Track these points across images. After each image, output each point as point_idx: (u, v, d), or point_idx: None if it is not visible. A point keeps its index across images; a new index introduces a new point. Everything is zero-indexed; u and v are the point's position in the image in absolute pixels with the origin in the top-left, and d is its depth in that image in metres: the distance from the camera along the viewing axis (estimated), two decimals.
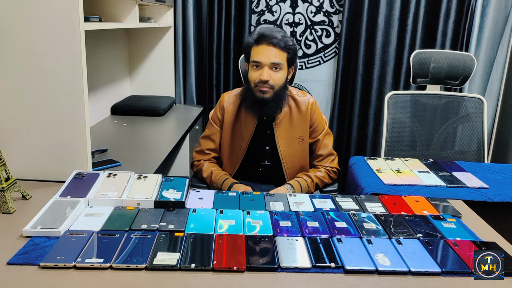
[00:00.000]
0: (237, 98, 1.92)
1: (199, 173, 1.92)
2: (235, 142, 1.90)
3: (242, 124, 1.89)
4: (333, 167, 1.94)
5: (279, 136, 1.87)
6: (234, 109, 1.91)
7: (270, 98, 1.78)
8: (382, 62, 2.99)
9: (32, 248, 1.08)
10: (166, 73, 3.16)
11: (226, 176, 1.86)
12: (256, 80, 1.76)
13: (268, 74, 1.74)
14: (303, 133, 1.90)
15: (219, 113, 1.93)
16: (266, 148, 1.91)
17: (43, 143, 1.51)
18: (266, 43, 1.74)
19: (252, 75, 1.78)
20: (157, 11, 2.95)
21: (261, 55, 1.74)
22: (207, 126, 1.98)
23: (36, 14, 1.39)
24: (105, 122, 2.67)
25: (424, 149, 2.39)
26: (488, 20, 2.83)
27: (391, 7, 2.89)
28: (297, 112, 1.89)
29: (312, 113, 1.91)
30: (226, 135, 1.92)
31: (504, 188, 1.70)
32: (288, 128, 1.88)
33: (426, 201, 1.46)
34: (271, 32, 1.76)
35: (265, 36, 1.74)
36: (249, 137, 1.87)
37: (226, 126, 1.91)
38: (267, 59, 1.74)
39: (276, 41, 1.73)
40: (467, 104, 2.36)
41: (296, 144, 1.90)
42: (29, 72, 1.44)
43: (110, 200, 1.31)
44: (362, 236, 1.19)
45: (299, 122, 1.89)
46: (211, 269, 1.02)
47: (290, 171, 1.91)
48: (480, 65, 2.90)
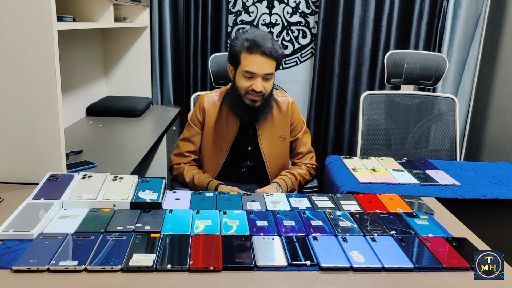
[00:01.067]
0: (218, 100, 1.89)
1: (179, 176, 1.89)
2: (216, 144, 1.89)
3: (223, 126, 1.87)
4: (312, 164, 1.98)
5: (261, 136, 1.88)
6: (215, 110, 1.88)
7: (260, 105, 1.78)
8: (358, 63, 3.03)
9: (4, 251, 1.06)
10: (142, 74, 3.13)
11: (209, 178, 1.85)
12: (248, 88, 1.74)
13: (261, 85, 1.73)
14: (285, 132, 1.92)
15: (199, 115, 1.90)
16: (249, 149, 1.91)
17: (16, 144, 1.48)
18: (260, 53, 1.70)
19: (243, 83, 1.75)
20: (132, 11, 2.92)
21: (254, 66, 1.71)
22: (185, 128, 1.95)
23: (7, 13, 1.36)
24: (81, 123, 2.64)
25: (399, 148, 2.44)
26: (460, 22, 2.90)
27: (366, 9, 2.93)
28: (278, 112, 1.90)
29: (292, 112, 1.92)
30: (208, 137, 1.89)
31: (475, 185, 1.75)
32: (270, 128, 1.89)
33: (400, 199, 1.49)
34: (263, 40, 1.71)
35: (258, 45, 1.70)
36: (231, 139, 1.87)
37: (207, 128, 1.89)
38: (261, 70, 1.71)
39: (269, 51, 1.70)
40: (440, 104, 2.42)
41: (278, 144, 1.91)
42: (1, 73, 1.41)
43: (85, 202, 1.30)
44: (338, 234, 1.21)
45: (280, 121, 1.90)
46: (187, 269, 1.02)
47: (273, 170, 1.92)
48: (452, 65, 2.97)
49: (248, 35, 1.73)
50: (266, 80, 1.75)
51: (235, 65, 1.78)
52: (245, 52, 1.72)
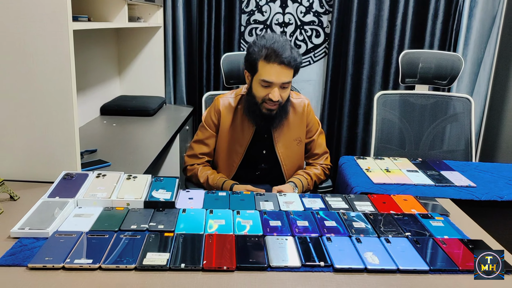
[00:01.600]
0: (233, 103, 1.87)
1: (194, 177, 1.88)
2: (231, 147, 1.87)
3: (238, 129, 1.85)
4: (327, 164, 1.98)
5: (277, 139, 1.86)
6: (230, 113, 1.86)
7: (276, 113, 1.76)
8: (372, 62, 3.01)
9: (20, 249, 1.07)
10: (156, 73, 3.15)
11: (224, 178, 1.84)
12: (265, 97, 1.71)
13: (279, 94, 1.69)
14: (301, 135, 1.90)
15: (214, 117, 1.87)
16: (263, 152, 1.89)
17: (32, 143, 1.50)
18: (278, 63, 1.64)
19: (260, 91, 1.72)
20: (146, 11, 2.94)
21: (272, 76, 1.66)
22: (199, 129, 1.92)
23: (24, 14, 1.37)
24: (95, 122, 2.66)
25: (413, 148, 2.41)
26: (476, 21, 2.86)
27: (380, 8, 2.91)
28: (293, 115, 1.87)
29: (308, 114, 1.90)
30: (223, 140, 1.87)
31: (491, 186, 1.72)
32: (286, 131, 1.86)
33: (414, 200, 1.48)
34: (282, 49, 1.64)
35: (277, 54, 1.64)
36: (246, 143, 1.85)
37: (222, 131, 1.86)
38: (279, 79, 1.67)
39: (287, 60, 1.64)
40: (455, 104, 2.39)
41: (294, 146, 1.89)
42: (17, 72, 1.43)
43: (99, 200, 1.31)
44: (352, 235, 1.20)
45: (296, 124, 1.88)
46: (201, 269, 1.02)
47: (289, 172, 1.90)
48: (467, 65, 2.93)
49: (267, 42, 1.67)
50: (283, 89, 1.72)
51: (252, 72, 1.74)
52: (262, 60, 1.67)
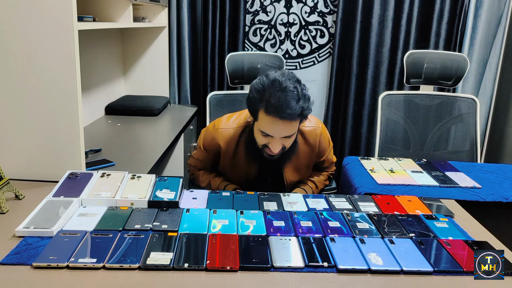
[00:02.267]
0: (235, 135, 1.70)
1: (196, 180, 1.85)
2: (234, 172, 1.76)
3: (241, 162, 1.72)
4: (333, 171, 1.96)
5: (286, 169, 1.74)
6: (232, 147, 1.71)
7: (280, 155, 1.61)
8: (376, 63, 3.00)
9: (25, 248, 1.08)
10: (160, 73, 3.16)
11: (226, 182, 1.78)
12: (265, 144, 1.56)
13: (280, 145, 1.53)
14: (310, 161, 1.79)
15: (215, 148, 1.73)
16: (268, 180, 1.79)
17: (36, 143, 1.50)
18: (279, 118, 1.44)
19: (260, 139, 1.56)
20: (151, 11, 2.94)
21: (271, 130, 1.49)
22: (198, 147, 1.81)
23: (29, 14, 1.38)
24: (99, 122, 2.67)
25: (418, 149, 2.40)
26: (481, 21, 2.85)
27: (385, 8, 2.90)
28: (304, 144, 1.72)
29: (321, 142, 1.75)
30: (225, 165, 1.76)
31: (496, 188, 1.71)
32: (295, 160, 1.73)
33: (419, 200, 1.47)
34: (285, 102, 1.42)
35: (278, 109, 1.42)
36: (250, 177, 1.75)
37: (224, 158, 1.74)
38: (279, 134, 1.50)
39: (290, 116, 1.44)
40: (460, 105, 2.38)
41: (303, 171, 1.80)
42: (22, 72, 1.43)
43: (103, 200, 1.31)
44: (355, 236, 1.19)
45: (306, 153, 1.75)
46: (204, 268, 1.02)
47: (291, 184, 1.81)
48: (473, 65, 2.92)
49: (271, 90, 1.45)
50: (287, 138, 1.54)
51: (254, 117, 1.56)
52: (262, 111, 1.48)
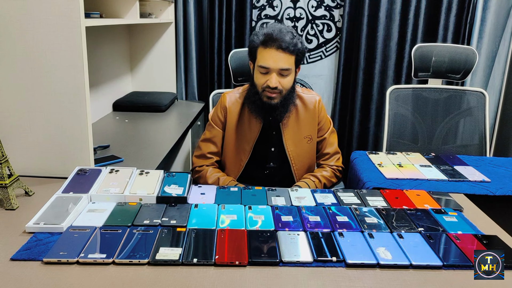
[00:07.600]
0: (240, 98, 1.83)
1: (202, 179, 1.83)
2: (239, 144, 1.82)
3: (246, 126, 1.81)
4: (338, 166, 1.92)
5: (286, 137, 1.81)
6: (237, 109, 1.82)
7: (278, 103, 1.70)
8: (384, 56, 2.98)
9: (35, 244, 1.09)
10: (167, 69, 3.16)
11: (235, 182, 1.79)
12: (264, 85, 1.67)
13: (277, 80, 1.65)
14: (311, 132, 1.85)
15: (221, 114, 1.84)
16: (272, 150, 1.85)
17: (46, 139, 1.51)
18: (275, 47, 1.62)
19: (259, 79, 1.69)
20: (158, 7, 2.95)
21: (269, 60, 1.64)
22: (206, 128, 1.89)
23: (37, 11, 1.39)
24: (107, 118, 2.68)
25: (426, 143, 2.39)
26: (490, 14, 2.82)
27: (393, 1, 2.88)
28: (304, 111, 1.82)
29: (320, 111, 1.84)
30: (230, 137, 1.83)
31: (505, 181, 1.70)
32: (296, 128, 1.82)
33: (427, 195, 1.47)
34: (279, 33, 1.63)
35: (273, 39, 1.62)
36: (254, 140, 1.80)
37: (229, 128, 1.82)
38: (276, 65, 1.64)
39: (285, 45, 1.61)
40: (469, 98, 2.36)
41: (305, 144, 1.84)
42: (31, 69, 1.44)
43: (112, 196, 1.32)
44: (364, 230, 1.19)
45: (307, 121, 1.83)
46: (213, 264, 1.03)
47: (299, 172, 1.85)
48: (482, 58, 2.89)
49: (266, 29, 1.67)
50: (283, 76, 1.67)
51: (253, 60, 1.73)
52: (261, 46, 1.66)
